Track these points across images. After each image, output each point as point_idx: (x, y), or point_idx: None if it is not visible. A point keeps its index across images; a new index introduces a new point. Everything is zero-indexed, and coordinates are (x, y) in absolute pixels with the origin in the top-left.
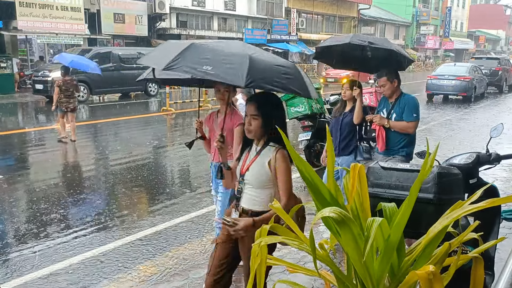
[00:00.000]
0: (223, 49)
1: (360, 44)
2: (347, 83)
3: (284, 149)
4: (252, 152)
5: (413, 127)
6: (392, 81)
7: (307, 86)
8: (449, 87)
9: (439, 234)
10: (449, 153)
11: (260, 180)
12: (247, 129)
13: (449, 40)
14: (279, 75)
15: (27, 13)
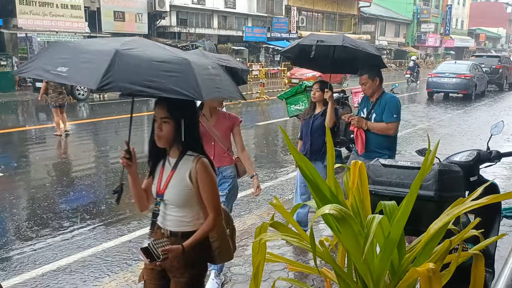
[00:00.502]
0: (87, 46)
1: (309, 44)
2: (317, 84)
3: (204, 157)
4: (168, 166)
5: (393, 128)
6: (373, 79)
7: (199, 85)
8: (449, 85)
9: (440, 231)
10: (449, 151)
11: (183, 197)
12: (157, 135)
13: (450, 38)
14: (158, 73)
15: (27, 11)
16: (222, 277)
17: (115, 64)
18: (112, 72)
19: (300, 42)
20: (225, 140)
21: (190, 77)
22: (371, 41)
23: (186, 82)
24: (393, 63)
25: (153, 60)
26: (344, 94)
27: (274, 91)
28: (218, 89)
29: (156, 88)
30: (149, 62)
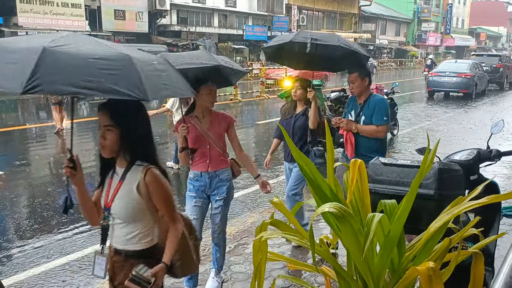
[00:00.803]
0: (15, 45)
1: (302, 41)
2: (298, 82)
3: (156, 167)
4: (116, 177)
5: (383, 131)
6: (363, 79)
7: (143, 83)
8: (450, 84)
9: (440, 230)
10: (449, 150)
11: (130, 211)
12: (100, 145)
13: (450, 37)
14: (95, 71)
15: (27, 9)
16: (222, 275)
17: (43, 64)
18: (39, 73)
19: (293, 39)
20: (220, 142)
21: (132, 74)
22: (372, 40)
23: (128, 80)
24: (394, 62)
25: (89, 58)
26: (344, 93)
27: (274, 89)
28: (166, 86)
29: (93, 89)
30: (84, 59)
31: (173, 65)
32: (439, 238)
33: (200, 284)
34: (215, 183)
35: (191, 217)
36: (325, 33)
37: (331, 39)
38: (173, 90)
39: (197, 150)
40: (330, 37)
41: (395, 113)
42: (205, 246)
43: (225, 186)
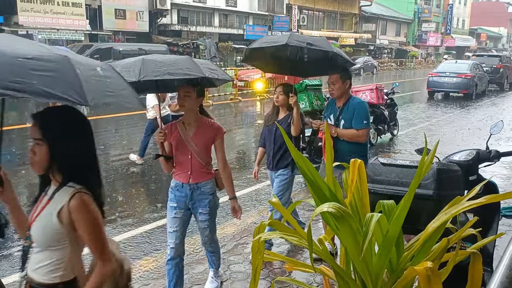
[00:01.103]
0: None
1: (298, 45)
2: (280, 86)
3: (85, 192)
4: (46, 196)
5: (364, 135)
6: (344, 80)
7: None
8: (450, 85)
9: (438, 230)
10: (449, 150)
11: (46, 237)
12: (30, 160)
13: (451, 38)
14: (25, 71)
15: (28, 8)
16: (221, 273)
17: None
18: None
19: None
20: (204, 154)
21: (70, 77)
22: (372, 40)
23: (65, 83)
24: (394, 62)
25: (19, 57)
26: None
27: (275, 89)
28: (110, 94)
29: (21, 91)
30: (13, 59)
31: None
32: (437, 238)
33: (199, 283)
34: (197, 195)
35: (171, 229)
36: (316, 37)
37: (324, 44)
38: (119, 99)
39: (174, 158)
40: (323, 42)
41: (395, 113)
42: (198, 248)
43: (207, 199)
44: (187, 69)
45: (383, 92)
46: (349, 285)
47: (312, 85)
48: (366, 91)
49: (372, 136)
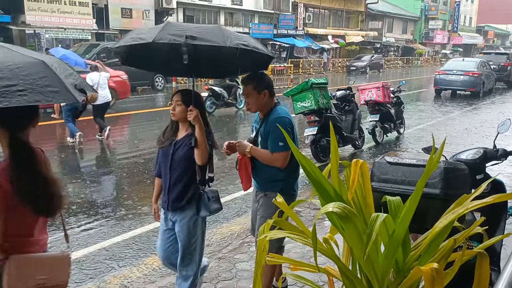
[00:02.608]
0: None
1: (172, 42)
2: (176, 95)
3: None
4: None
5: (280, 160)
6: (260, 92)
7: None
8: (457, 82)
9: (445, 229)
10: (456, 149)
11: None
12: None
13: (458, 35)
14: None
15: (35, 7)
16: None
17: None
18: None
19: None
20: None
21: None
22: (379, 38)
23: None
24: (400, 60)
25: None
26: (350, 91)
27: (280, 88)
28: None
29: None
30: None
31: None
32: (444, 237)
33: (205, 281)
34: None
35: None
36: (207, 26)
37: (214, 36)
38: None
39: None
40: (214, 32)
41: (401, 112)
42: (212, 242)
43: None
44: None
45: (390, 90)
46: (355, 284)
47: (318, 83)
48: (372, 89)
49: (378, 135)
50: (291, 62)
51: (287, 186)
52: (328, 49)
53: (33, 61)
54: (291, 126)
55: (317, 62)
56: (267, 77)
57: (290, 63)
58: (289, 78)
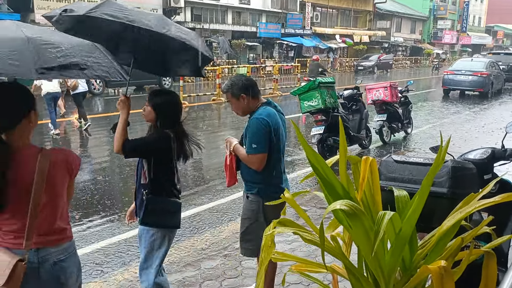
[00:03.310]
0: None
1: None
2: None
3: None
4: None
5: (253, 162)
6: (238, 96)
7: None
8: (465, 83)
9: (452, 228)
10: (464, 149)
11: None
12: None
13: (467, 35)
14: None
15: (44, 6)
16: None
17: None
18: None
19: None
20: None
21: None
22: (387, 37)
23: None
24: (409, 60)
25: None
26: (358, 91)
27: (287, 87)
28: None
29: None
30: None
31: None
32: (451, 236)
33: (211, 279)
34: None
35: None
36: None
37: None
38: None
39: None
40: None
41: (409, 111)
42: (217, 240)
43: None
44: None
45: (397, 90)
46: (361, 282)
47: (325, 83)
48: (380, 89)
49: (385, 134)
50: (299, 61)
51: (265, 189)
52: (335, 49)
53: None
54: (268, 128)
55: (325, 62)
56: (242, 80)
57: (298, 63)
58: (296, 78)
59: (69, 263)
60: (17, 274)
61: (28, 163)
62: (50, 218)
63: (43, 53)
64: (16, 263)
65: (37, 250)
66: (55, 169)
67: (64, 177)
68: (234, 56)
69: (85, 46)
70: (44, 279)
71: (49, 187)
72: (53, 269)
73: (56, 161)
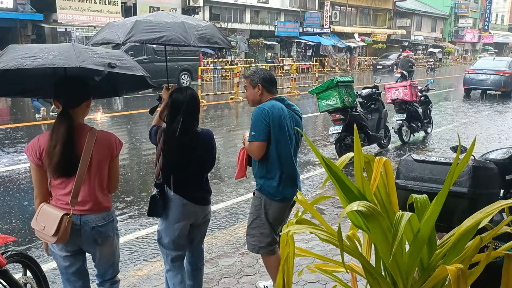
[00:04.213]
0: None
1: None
2: None
3: None
4: None
5: (253, 150)
6: (255, 85)
7: None
8: (487, 82)
9: (472, 228)
10: (485, 149)
11: None
12: None
13: (489, 34)
14: None
15: (66, 6)
16: None
17: None
18: None
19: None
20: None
21: None
22: (407, 36)
23: None
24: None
25: None
26: (377, 90)
27: (305, 86)
28: None
29: None
30: None
31: None
32: (470, 236)
33: (228, 276)
34: None
35: None
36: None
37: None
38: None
39: None
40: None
41: (429, 111)
42: (235, 238)
43: None
44: None
45: (417, 89)
46: (379, 282)
47: (343, 82)
48: (399, 88)
49: (405, 134)
50: (317, 60)
51: (266, 187)
52: (354, 47)
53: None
54: (267, 117)
55: (343, 61)
56: (265, 73)
57: (316, 61)
58: (314, 77)
59: (106, 228)
60: (63, 225)
61: (81, 138)
62: (92, 189)
63: (84, 53)
64: (62, 216)
65: (80, 215)
66: (99, 147)
67: (106, 156)
68: (252, 55)
69: (116, 52)
70: (84, 239)
71: (93, 162)
72: (92, 232)
73: (100, 141)
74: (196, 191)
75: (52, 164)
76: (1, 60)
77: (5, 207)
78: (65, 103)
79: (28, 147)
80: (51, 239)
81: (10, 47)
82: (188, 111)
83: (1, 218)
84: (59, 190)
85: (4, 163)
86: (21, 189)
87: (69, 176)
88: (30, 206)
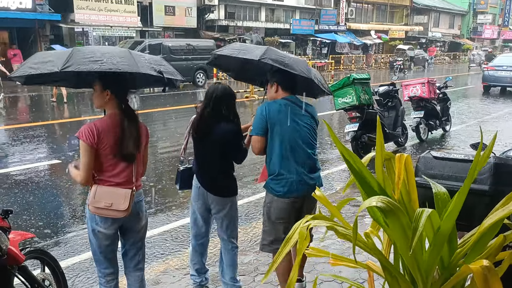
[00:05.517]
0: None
1: (274, 65)
2: None
3: None
4: None
5: (253, 145)
6: (272, 83)
7: None
8: (507, 79)
9: (494, 226)
10: (505, 147)
11: None
12: None
13: (509, 30)
14: None
15: (83, 6)
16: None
17: None
18: None
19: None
20: None
21: None
22: (424, 32)
23: None
24: (447, 56)
25: None
26: (394, 87)
27: None
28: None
29: None
30: None
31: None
32: (493, 235)
33: (244, 274)
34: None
35: None
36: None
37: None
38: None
39: None
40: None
41: (447, 108)
42: (253, 236)
43: None
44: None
45: (435, 86)
46: (398, 281)
47: (359, 79)
48: (417, 85)
49: (422, 132)
50: (332, 58)
51: (269, 181)
52: (370, 45)
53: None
54: (264, 113)
55: (359, 58)
56: (287, 72)
57: (331, 59)
58: (330, 75)
59: (141, 204)
60: (131, 200)
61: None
62: (138, 171)
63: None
64: (131, 192)
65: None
66: (143, 136)
67: (145, 144)
68: None
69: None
70: (132, 212)
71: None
72: (136, 206)
73: (143, 131)
74: (208, 179)
75: (124, 152)
76: (72, 62)
77: (24, 205)
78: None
79: (82, 131)
80: (120, 213)
81: (75, 49)
82: (217, 97)
83: (20, 215)
84: (116, 169)
85: (24, 161)
86: (40, 186)
87: (133, 161)
88: (48, 203)
